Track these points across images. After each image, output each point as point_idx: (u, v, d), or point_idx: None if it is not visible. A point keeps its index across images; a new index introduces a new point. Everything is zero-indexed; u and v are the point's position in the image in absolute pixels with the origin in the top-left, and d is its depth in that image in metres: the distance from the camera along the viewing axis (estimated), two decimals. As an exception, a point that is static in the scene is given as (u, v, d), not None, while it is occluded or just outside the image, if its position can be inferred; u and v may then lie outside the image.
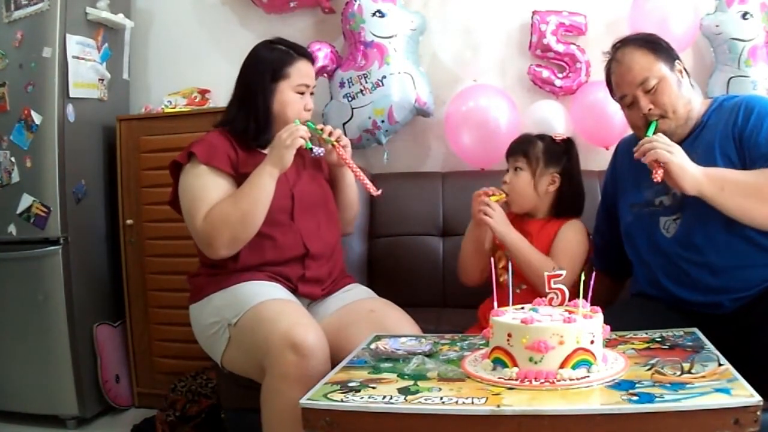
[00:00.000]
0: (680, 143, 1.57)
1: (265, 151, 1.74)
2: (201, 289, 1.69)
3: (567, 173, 1.77)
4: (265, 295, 1.58)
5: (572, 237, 1.73)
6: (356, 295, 1.77)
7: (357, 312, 1.68)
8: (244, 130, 1.73)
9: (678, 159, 1.43)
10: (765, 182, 1.41)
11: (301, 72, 1.75)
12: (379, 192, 1.74)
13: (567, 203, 1.77)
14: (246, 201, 1.61)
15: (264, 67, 1.75)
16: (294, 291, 1.68)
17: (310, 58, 1.82)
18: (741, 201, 1.42)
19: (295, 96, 1.74)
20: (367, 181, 1.73)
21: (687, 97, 1.57)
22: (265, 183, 1.62)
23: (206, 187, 1.65)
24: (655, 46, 1.57)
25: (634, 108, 1.58)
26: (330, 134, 1.74)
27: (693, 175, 1.42)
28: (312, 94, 1.80)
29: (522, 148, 1.77)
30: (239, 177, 1.68)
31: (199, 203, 1.64)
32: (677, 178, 1.42)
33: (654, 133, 1.54)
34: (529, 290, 1.65)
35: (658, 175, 1.44)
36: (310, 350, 1.42)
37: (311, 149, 1.68)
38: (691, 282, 1.53)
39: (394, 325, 1.62)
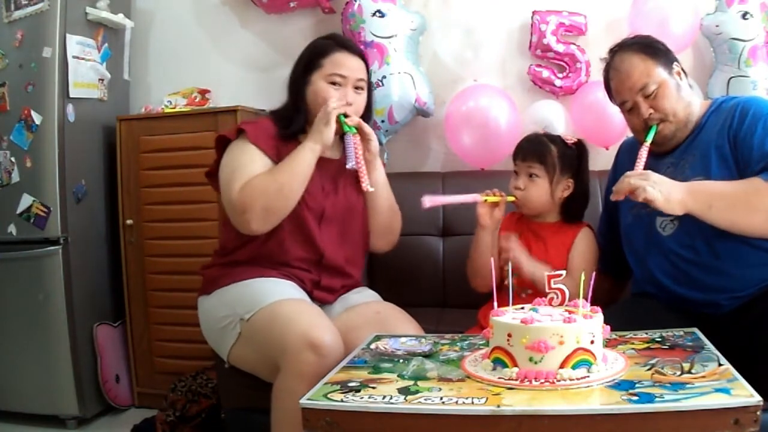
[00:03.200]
0: (679, 145, 1.58)
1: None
2: (213, 281, 1.68)
3: (579, 179, 1.73)
4: (283, 293, 1.58)
5: (590, 246, 1.72)
6: (363, 298, 1.77)
7: (363, 314, 1.69)
8: (281, 119, 1.75)
9: (660, 194, 1.39)
10: (753, 192, 1.41)
11: (335, 62, 1.72)
12: (370, 190, 1.69)
13: (576, 207, 1.75)
14: (285, 172, 1.61)
15: (301, 58, 1.77)
16: (308, 293, 1.68)
17: (354, 50, 1.77)
18: (729, 215, 1.42)
19: (326, 86, 1.71)
20: (363, 173, 1.69)
21: (687, 100, 1.57)
22: (305, 156, 1.62)
23: (249, 162, 1.65)
24: (652, 50, 1.57)
25: (635, 113, 1.58)
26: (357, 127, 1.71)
27: (679, 202, 1.41)
28: (359, 89, 1.75)
29: (538, 153, 1.69)
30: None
31: (238, 174, 1.63)
32: (665, 209, 1.42)
33: (654, 137, 1.55)
34: (534, 294, 1.63)
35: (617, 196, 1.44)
36: (328, 351, 1.42)
37: (345, 133, 1.68)
38: (689, 280, 1.53)
39: (399, 328, 1.61)
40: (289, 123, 1.73)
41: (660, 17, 2.19)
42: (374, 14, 2.36)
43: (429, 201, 1.66)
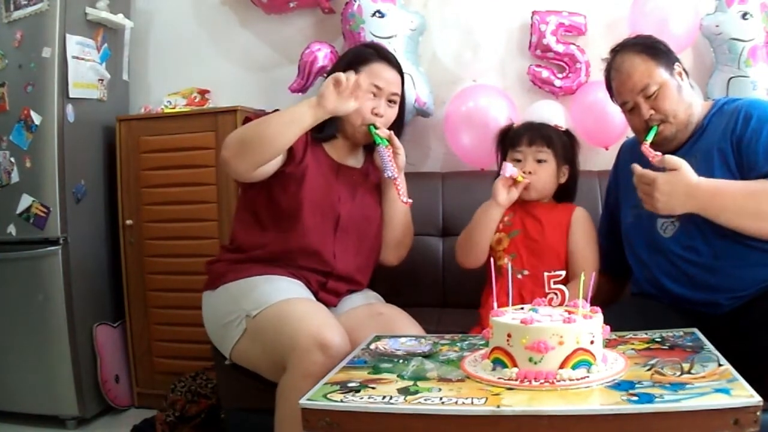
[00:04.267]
0: (680, 147, 1.58)
1: (327, 149, 1.76)
2: (219, 276, 1.68)
3: (573, 165, 1.77)
4: (292, 292, 1.58)
5: (589, 230, 1.74)
6: (365, 299, 1.78)
7: (366, 315, 1.69)
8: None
9: (664, 206, 1.43)
10: (763, 196, 1.41)
11: (373, 72, 1.72)
12: (408, 202, 1.71)
13: (569, 195, 1.79)
14: (275, 116, 1.59)
15: (341, 62, 1.78)
16: (313, 293, 1.68)
17: (393, 63, 1.77)
18: (736, 221, 1.43)
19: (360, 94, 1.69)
20: (401, 186, 1.69)
21: (688, 102, 1.57)
22: (302, 111, 1.55)
23: None
24: (654, 50, 1.57)
25: (636, 113, 1.58)
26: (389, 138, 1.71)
27: (683, 208, 1.43)
28: (392, 102, 1.75)
29: (545, 137, 1.71)
30: (296, 163, 1.67)
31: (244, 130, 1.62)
32: (670, 213, 1.46)
33: (654, 137, 1.55)
34: (531, 276, 1.65)
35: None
36: (337, 351, 1.42)
37: (378, 144, 1.68)
38: (690, 280, 1.53)
39: (403, 330, 1.61)
40: (322, 126, 1.72)
41: (660, 17, 2.19)
42: (374, 14, 2.36)
43: (510, 170, 1.65)
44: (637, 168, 1.47)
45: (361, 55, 1.77)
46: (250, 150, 1.55)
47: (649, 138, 1.55)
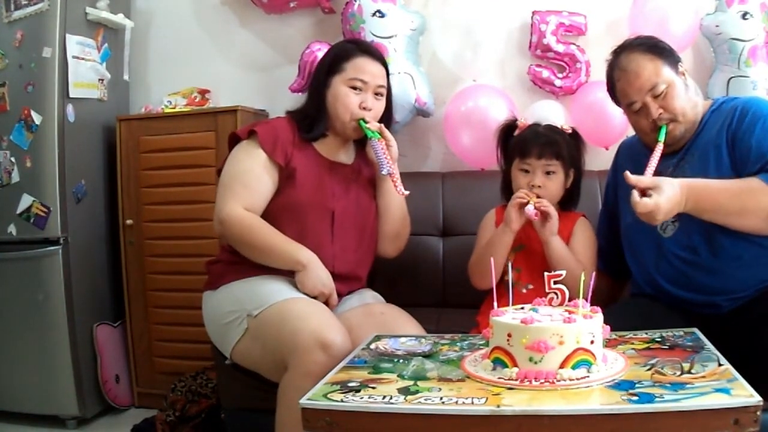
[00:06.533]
0: (683, 146, 1.58)
1: (318, 147, 1.76)
2: (220, 276, 1.69)
3: (579, 167, 1.73)
4: (293, 292, 1.59)
5: (589, 236, 1.73)
6: (366, 299, 1.78)
7: (366, 315, 1.69)
8: (302, 119, 1.75)
9: (664, 220, 1.42)
10: (748, 194, 1.41)
11: (356, 66, 1.73)
12: (405, 193, 1.70)
13: (575, 195, 1.75)
14: (263, 246, 1.63)
15: (325, 60, 1.79)
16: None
17: (376, 56, 1.78)
18: (721, 219, 1.44)
19: (347, 90, 1.71)
20: (397, 179, 1.69)
21: (694, 100, 1.57)
22: (288, 257, 1.62)
23: (252, 173, 1.67)
24: (659, 50, 1.56)
25: (642, 114, 1.56)
26: (379, 131, 1.72)
27: (677, 211, 1.42)
28: (379, 95, 1.76)
29: (554, 150, 1.66)
30: (287, 169, 1.68)
31: (238, 187, 1.65)
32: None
33: (665, 137, 1.54)
34: (535, 290, 1.63)
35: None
36: (338, 351, 1.42)
37: (371, 138, 1.69)
38: (688, 282, 1.53)
39: (403, 330, 1.61)
40: (311, 126, 1.73)
41: (660, 17, 2.19)
42: (374, 14, 2.36)
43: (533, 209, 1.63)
44: (635, 198, 1.41)
45: (343, 51, 1.77)
46: (238, 248, 1.67)
47: (662, 138, 1.54)
